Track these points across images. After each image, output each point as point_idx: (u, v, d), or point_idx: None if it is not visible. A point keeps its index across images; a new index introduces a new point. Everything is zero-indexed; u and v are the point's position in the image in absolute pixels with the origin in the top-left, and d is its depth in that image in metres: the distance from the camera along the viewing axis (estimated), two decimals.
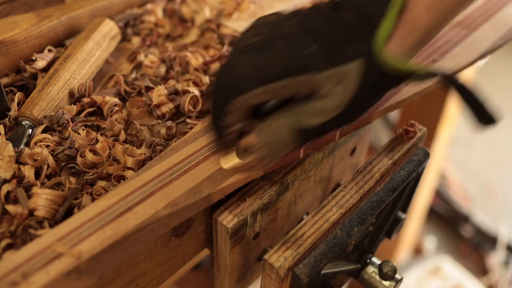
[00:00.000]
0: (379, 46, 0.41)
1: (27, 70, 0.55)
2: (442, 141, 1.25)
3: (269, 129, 0.43)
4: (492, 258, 1.58)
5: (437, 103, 1.15)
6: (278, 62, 0.41)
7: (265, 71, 0.41)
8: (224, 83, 0.43)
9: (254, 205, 0.46)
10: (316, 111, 0.42)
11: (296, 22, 0.43)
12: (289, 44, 0.42)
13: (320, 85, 0.42)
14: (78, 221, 0.39)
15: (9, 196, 0.43)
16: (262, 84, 0.41)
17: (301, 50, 0.41)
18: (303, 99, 0.43)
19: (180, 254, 0.49)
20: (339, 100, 0.42)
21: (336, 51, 0.41)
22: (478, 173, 1.87)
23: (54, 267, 0.35)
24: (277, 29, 0.43)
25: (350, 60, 0.41)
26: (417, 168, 0.52)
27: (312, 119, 0.43)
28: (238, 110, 0.42)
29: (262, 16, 0.46)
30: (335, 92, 0.42)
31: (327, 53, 0.41)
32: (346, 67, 0.41)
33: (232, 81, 0.42)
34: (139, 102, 0.55)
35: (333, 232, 0.45)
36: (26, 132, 0.48)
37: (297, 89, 0.42)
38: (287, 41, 0.42)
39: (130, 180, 0.43)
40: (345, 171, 0.62)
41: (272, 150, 0.43)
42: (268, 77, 0.41)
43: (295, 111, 0.43)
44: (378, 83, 0.43)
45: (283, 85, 0.41)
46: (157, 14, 0.69)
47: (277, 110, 0.44)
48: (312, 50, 0.41)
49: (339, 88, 0.42)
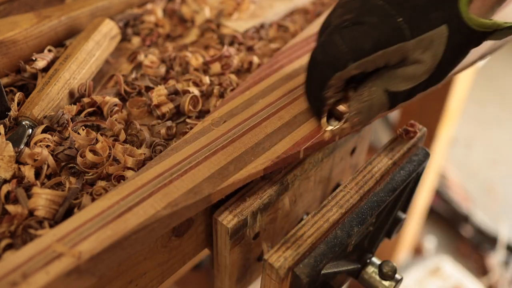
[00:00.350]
0: (464, 5, 0.43)
1: (27, 70, 0.55)
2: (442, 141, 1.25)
3: (361, 98, 0.46)
4: (492, 258, 1.58)
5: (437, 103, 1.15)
6: (371, 37, 0.44)
7: (360, 47, 0.44)
8: (322, 61, 0.45)
9: (254, 205, 0.46)
10: (406, 77, 0.45)
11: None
12: (378, 18, 0.44)
13: (409, 52, 0.44)
14: (78, 221, 0.39)
15: (9, 196, 0.43)
16: (357, 60, 0.44)
17: (390, 22, 0.44)
18: (392, 67, 0.45)
19: (180, 254, 0.49)
20: (427, 65, 0.45)
21: (422, 18, 0.44)
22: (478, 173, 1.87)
23: (54, 267, 0.35)
24: (365, 4, 0.45)
25: (436, 26, 0.44)
26: (417, 168, 0.52)
27: (402, 85, 0.46)
28: (334, 85, 0.46)
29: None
30: (424, 58, 0.44)
31: (414, 22, 0.43)
32: (433, 34, 0.44)
33: (330, 59, 0.44)
34: (139, 102, 0.55)
35: (333, 232, 0.45)
36: (26, 132, 0.48)
37: (388, 59, 0.45)
38: (376, 15, 0.44)
39: (130, 180, 0.43)
40: (345, 171, 0.62)
41: (364, 116, 0.47)
42: (363, 53, 0.44)
43: (385, 79, 0.46)
44: (463, 43, 0.45)
45: (376, 58, 0.44)
46: (157, 14, 0.69)
47: (367, 79, 0.47)
48: (400, 20, 0.43)
49: (427, 54, 0.44)
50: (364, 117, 0.47)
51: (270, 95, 0.54)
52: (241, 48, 0.64)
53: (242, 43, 0.65)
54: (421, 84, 0.46)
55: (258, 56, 0.63)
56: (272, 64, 0.59)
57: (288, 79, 0.56)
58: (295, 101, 0.53)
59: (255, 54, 0.64)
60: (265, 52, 0.65)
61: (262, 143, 0.48)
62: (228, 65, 0.60)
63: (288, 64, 0.59)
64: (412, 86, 0.46)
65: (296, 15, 0.73)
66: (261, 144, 0.48)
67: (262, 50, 0.65)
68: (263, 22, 0.70)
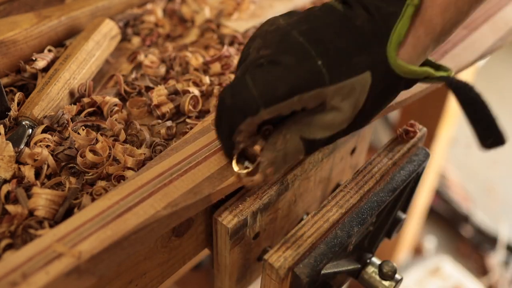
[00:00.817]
0: (392, 51, 0.40)
1: (27, 70, 0.55)
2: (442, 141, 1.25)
3: (274, 147, 0.43)
4: (492, 258, 1.58)
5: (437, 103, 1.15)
6: (286, 82, 0.40)
7: (273, 92, 0.40)
8: (230, 105, 0.41)
9: (254, 205, 0.46)
10: (323, 125, 0.42)
11: (305, 29, 0.41)
12: (296, 59, 0.40)
13: (328, 98, 0.41)
14: (78, 221, 0.39)
15: (9, 196, 0.43)
16: (269, 105, 0.40)
17: (310, 64, 0.40)
18: (310, 111, 0.42)
19: (180, 254, 0.49)
20: (347, 114, 0.41)
21: (345, 62, 0.40)
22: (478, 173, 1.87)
23: (54, 267, 0.35)
24: (285, 40, 0.42)
25: (358, 72, 0.40)
26: (417, 168, 0.52)
27: (319, 133, 0.42)
28: (245, 130, 0.42)
29: (271, 18, 0.45)
30: (343, 106, 0.41)
31: (335, 66, 0.40)
32: (354, 81, 0.40)
33: (239, 103, 0.41)
34: (139, 102, 0.55)
35: (333, 232, 0.45)
36: (26, 132, 0.48)
37: (305, 104, 0.41)
38: (295, 55, 0.41)
39: (130, 180, 0.43)
40: (345, 171, 0.62)
41: (278, 166, 0.43)
42: (276, 98, 0.40)
43: (301, 126, 0.42)
44: (390, 89, 0.42)
45: (291, 103, 0.40)
46: (157, 14, 0.69)
47: (281, 125, 0.43)
48: (320, 64, 0.40)
49: (347, 103, 0.41)
50: (278, 167, 0.43)
51: None
52: (241, 48, 0.64)
53: (242, 43, 0.65)
54: (339, 132, 0.43)
55: None
56: None
57: None
58: None
59: None
60: None
61: None
62: (228, 65, 0.60)
63: None
64: (330, 135, 0.43)
65: None
66: None
67: None
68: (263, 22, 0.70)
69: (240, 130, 0.41)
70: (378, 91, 0.41)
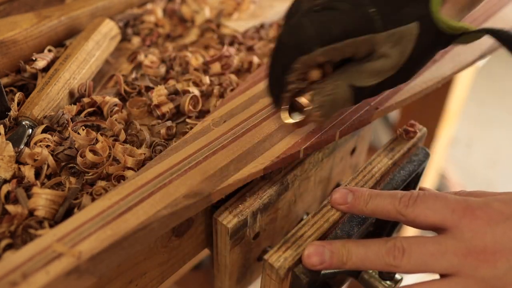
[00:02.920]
0: (436, 5, 0.43)
1: (27, 70, 0.55)
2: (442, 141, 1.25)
3: (324, 91, 0.45)
4: None
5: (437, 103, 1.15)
6: (341, 23, 0.42)
7: (329, 32, 0.42)
8: (288, 43, 0.43)
9: (254, 205, 0.46)
10: (372, 72, 0.44)
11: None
12: (351, 5, 0.43)
13: (378, 45, 0.43)
14: (78, 221, 0.39)
15: (9, 196, 0.43)
16: (325, 45, 0.42)
17: (363, 11, 0.43)
18: (359, 60, 0.45)
19: (180, 254, 0.49)
20: (395, 61, 0.44)
21: (395, 12, 0.43)
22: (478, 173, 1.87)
23: (54, 267, 0.35)
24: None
25: (408, 22, 0.43)
26: (417, 168, 0.52)
27: (368, 80, 0.45)
28: (297, 70, 0.44)
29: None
30: (392, 53, 0.44)
31: (386, 14, 0.43)
32: (404, 29, 0.43)
33: (296, 41, 0.43)
34: (139, 102, 0.55)
35: (333, 232, 0.45)
36: (26, 132, 0.48)
37: (356, 49, 0.44)
38: (349, 2, 0.43)
39: (130, 180, 0.43)
40: (345, 171, 0.62)
41: (326, 111, 0.45)
42: (331, 38, 0.42)
43: (351, 73, 0.45)
44: (432, 43, 0.45)
45: (344, 46, 0.43)
46: (157, 14, 0.69)
47: (330, 73, 0.46)
48: (373, 11, 0.43)
49: (396, 50, 0.43)
50: (326, 111, 0.45)
51: None
52: (241, 48, 0.64)
53: (242, 43, 0.65)
54: (387, 80, 0.45)
55: (258, 56, 0.63)
56: None
57: None
58: None
59: (255, 54, 0.64)
60: (265, 52, 0.65)
61: (262, 143, 0.48)
62: (228, 65, 0.60)
63: None
64: (378, 82, 0.45)
65: None
66: (261, 144, 0.48)
67: (262, 50, 0.65)
68: (263, 22, 0.70)
69: (294, 68, 0.44)
70: (422, 43, 0.44)
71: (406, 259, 0.38)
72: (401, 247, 0.39)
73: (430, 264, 0.38)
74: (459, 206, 0.39)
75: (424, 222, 0.40)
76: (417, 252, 0.38)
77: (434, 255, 0.38)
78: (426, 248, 0.38)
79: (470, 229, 0.38)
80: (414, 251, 0.38)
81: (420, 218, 0.40)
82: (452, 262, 0.37)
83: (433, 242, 0.38)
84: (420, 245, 0.39)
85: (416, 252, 0.38)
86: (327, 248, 0.41)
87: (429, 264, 0.38)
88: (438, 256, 0.38)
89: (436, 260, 0.38)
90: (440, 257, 0.38)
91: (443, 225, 0.39)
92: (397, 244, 0.39)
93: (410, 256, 0.39)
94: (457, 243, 0.38)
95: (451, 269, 0.38)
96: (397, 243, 0.39)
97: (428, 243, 0.39)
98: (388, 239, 0.40)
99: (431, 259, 0.38)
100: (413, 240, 0.39)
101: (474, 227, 0.38)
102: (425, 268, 0.38)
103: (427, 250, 0.38)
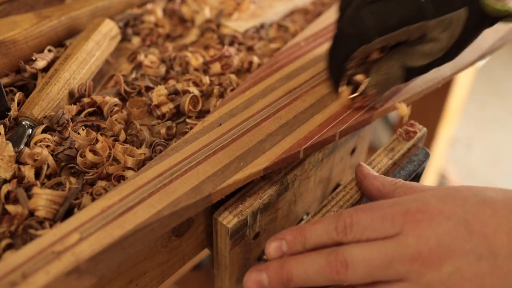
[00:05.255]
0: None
1: (27, 70, 0.55)
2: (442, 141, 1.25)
3: (379, 71, 0.50)
4: None
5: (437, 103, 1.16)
6: (397, 14, 0.47)
7: (387, 23, 0.47)
8: (349, 33, 0.48)
9: (254, 205, 0.46)
10: (422, 54, 0.49)
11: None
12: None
13: (429, 30, 0.48)
14: (78, 221, 0.39)
15: (9, 196, 0.43)
16: (383, 35, 0.47)
17: (416, 1, 0.47)
18: (411, 43, 0.49)
19: (180, 254, 0.49)
20: (444, 44, 0.48)
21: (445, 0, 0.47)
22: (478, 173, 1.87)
23: (54, 267, 0.35)
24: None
25: (457, 8, 0.47)
26: (417, 168, 0.52)
27: (418, 61, 0.49)
28: (357, 57, 0.49)
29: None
30: (441, 37, 0.48)
31: (437, 3, 0.47)
32: (453, 15, 0.47)
33: (357, 32, 0.48)
34: (139, 102, 0.55)
35: None
36: (26, 132, 0.48)
37: (409, 35, 0.48)
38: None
39: (130, 180, 0.43)
40: (345, 171, 0.62)
41: (380, 89, 0.51)
42: (388, 28, 0.47)
43: (403, 55, 0.49)
44: (477, 26, 0.48)
45: (399, 33, 0.48)
46: (157, 14, 0.69)
47: (386, 53, 0.51)
48: (425, 0, 0.47)
49: (445, 34, 0.48)
50: (381, 89, 0.51)
51: (270, 95, 0.54)
52: (241, 48, 0.64)
53: (242, 43, 0.65)
54: (436, 61, 0.49)
55: (258, 56, 0.63)
56: (272, 64, 0.59)
57: (288, 79, 0.56)
58: (295, 101, 0.53)
59: (255, 54, 0.64)
60: (265, 52, 0.65)
61: (262, 143, 0.48)
62: (228, 65, 0.60)
63: (288, 64, 0.59)
64: (427, 63, 0.49)
65: (296, 15, 0.73)
66: (261, 144, 0.48)
67: (262, 50, 0.65)
68: (263, 22, 0.70)
69: (354, 56, 0.49)
70: (469, 26, 0.48)
71: (351, 273, 0.37)
72: (343, 260, 0.37)
73: (376, 275, 0.37)
74: (398, 214, 0.38)
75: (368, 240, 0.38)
76: (362, 265, 0.37)
77: (380, 266, 0.36)
78: (372, 260, 0.37)
79: (413, 234, 0.37)
80: (359, 264, 0.37)
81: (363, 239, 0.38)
82: (398, 271, 0.36)
83: (378, 252, 0.37)
84: (365, 257, 0.37)
85: (360, 265, 0.37)
86: (264, 272, 0.39)
87: (376, 275, 0.36)
88: (384, 267, 0.36)
89: (382, 270, 0.36)
90: (387, 267, 0.36)
91: (386, 236, 0.38)
92: (339, 258, 0.37)
93: (356, 270, 0.37)
94: (403, 250, 0.36)
95: (398, 276, 0.37)
96: (339, 256, 0.37)
97: (373, 252, 0.37)
98: (330, 251, 0.38)
99: (378, 270, 0.36)
100: (357, 251, 0.37)
101: (417, 232, 0.37)
102: (372, 279, 0.37)
103: (372, 262, 0.37)
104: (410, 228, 0.37)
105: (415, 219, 0.37)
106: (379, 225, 0.38)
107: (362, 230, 0.38)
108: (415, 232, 0.37)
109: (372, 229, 0.38)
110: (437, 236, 0.36)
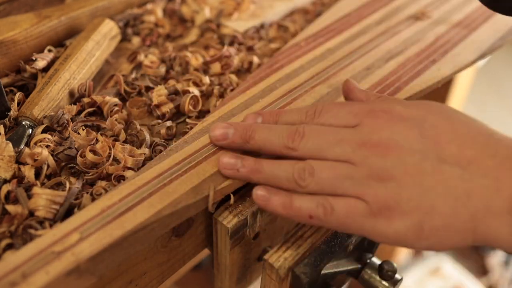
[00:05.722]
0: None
1: (27, 70, 0.55)
2: None
3: None
4: (492, 258, 1.58)
5: None
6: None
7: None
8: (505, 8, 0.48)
9: (254, 205, 0.46)
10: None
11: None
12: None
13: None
14: (78, 221, 0.39)
15: (9, 196, 0.43)
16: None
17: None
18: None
19: (180, 254, 0.49)
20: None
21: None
22: None
23: (54, 267, 0.35)
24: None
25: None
26: None
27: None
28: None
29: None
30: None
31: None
32: None
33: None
34: (139, 102, 0.55)
35: (333, 232, 0.45)
36: (26, 132, 0.48)
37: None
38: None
39: (130, 180, 0.43)
40: None
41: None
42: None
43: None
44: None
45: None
46: (157, 14, 0.69)
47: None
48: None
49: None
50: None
51: (270, 95, 0.54)
52: (241, 48, 0.64)
53: (242, 43, 0.65)
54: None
55: (258, 56, 0.63)
56: (272, 64, 0.59)
57: (288, 79, 0.56)
58: (294, 101, 0.53)
59: (255, 54, 0.64)
60: (265, 52, 0.65)
61: None
62: (228, 65, 0.60)
63: (288, 64, 0.59)
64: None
65: (296, 15, 0.73)
66: None
67: (262, 50, 0.65)
68: (263, 22, 0.70)
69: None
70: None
71: (303, 143, 0.41)
72: (302, 132, 0.41)
73: (324, 149, 0.40)
74: (363, 111, 0.42)
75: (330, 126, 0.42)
76: (315, 137, 0.41)
77: (330, 142, 0.40)
78: (325, 135, 0.41)
79: (369, 125, 0.40)
80: (312, 137, 0.41)
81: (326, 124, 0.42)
82: (345, 149, 0.40)
83: (333, 132, 0.41)
84: (320, 133, 0.41)
85: (313, 137, 0.41)
86: (232, 127, 0.45)
87: (323, 149, 0.40)
88: (333, 143, 0.40)
89: (330, 146, 0.40)
90: (335, 144, 0.40)
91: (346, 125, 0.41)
92: (299, 129, 0.42)
93: (308, 141, 0.41)
94: (355, 135, 0.40)
95: (343, 156, 0.40)
96: (299, 128, 0.42)
97: (328, 132, 0.41)
98: (295, 127, 0.42)
99: (326, 145, 0.40)
100: (315, 128, 0.42)
101: (373, 124, 0.40)
102: (319, 153, 0.40)
103: (325, 137, 0.41)
104: (368, 122, 0.41)
105: (376, 115, 0.41)
106: (343, 115, 0.42)
107: (327, 117, 0.43)
108: (371, 125, 0.40)
109: (336, 117, 0.42)
110: (390, 131, 0.39)
